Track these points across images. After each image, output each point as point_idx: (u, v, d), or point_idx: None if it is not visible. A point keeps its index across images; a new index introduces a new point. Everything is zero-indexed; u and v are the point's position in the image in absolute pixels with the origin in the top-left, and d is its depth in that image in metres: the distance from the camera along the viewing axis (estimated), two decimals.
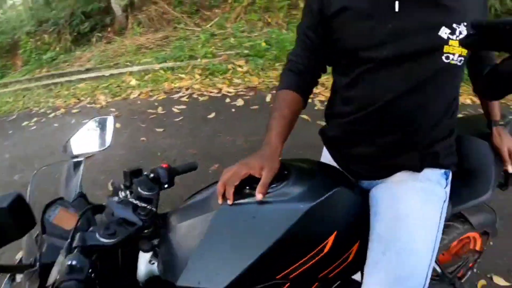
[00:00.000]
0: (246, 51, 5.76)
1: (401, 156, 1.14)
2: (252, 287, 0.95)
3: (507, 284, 2.43)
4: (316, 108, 3.92)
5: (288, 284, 1.02)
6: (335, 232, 1.02)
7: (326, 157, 1.39)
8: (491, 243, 2.16)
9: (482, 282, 2.39)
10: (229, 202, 0.94)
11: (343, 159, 1.27)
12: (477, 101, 1.37)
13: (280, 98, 1.15)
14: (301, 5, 7.19)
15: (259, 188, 0.94)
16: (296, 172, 1.03)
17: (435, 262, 1.35)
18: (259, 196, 0.93)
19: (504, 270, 2.55)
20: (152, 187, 0.98)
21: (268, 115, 1.13)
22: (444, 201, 1.17)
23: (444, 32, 0.99)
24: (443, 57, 1.01)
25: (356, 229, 1.12)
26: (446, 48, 1.00)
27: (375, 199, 1.16)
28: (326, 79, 2.96)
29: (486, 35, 0.58)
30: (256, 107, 3.98)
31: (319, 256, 1.01)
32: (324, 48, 1.15)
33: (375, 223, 1.10)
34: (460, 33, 0.99)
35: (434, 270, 1.29)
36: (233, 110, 3.91)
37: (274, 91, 4.44)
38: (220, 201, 0.96)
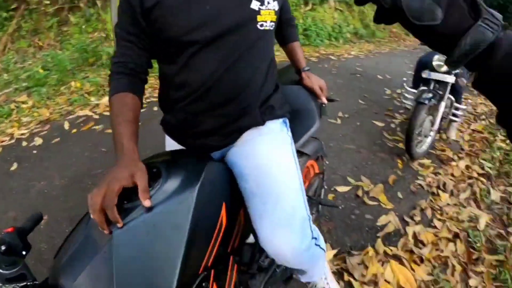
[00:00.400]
0: (24, 84, 5.24)
1: (244, 118, 1.20)
2: None
3: (347, 188, 3.25)
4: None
5: (213, 272, 1.03)
6: (224, 204, 1.06)
7: (171, 145, 1.38)
8: (327, 162, 2.82)
9: (331, 195, 3.09)
10: (119, 225, 0.85)
11: (191, 138, 1.26)
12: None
13: (119, 103, 1.07)
14: (72, 19, 6.88)
15: (142, 195, 0.87)
16: (164, 166, 0.98)
17: None
18: (147, 203, 0.87)
19: (340, 180, 3.40)
20: (13, 261, 0.79)
21: (111, 122, 1.06)
22: (291, 143, 1.29)
23: (255, 4, 1.09)
24: (258, 25, 1.12)
25: (234, 194, 1.17)
26: (259, 18, 1.11)
27: (233, 164, 1.21)
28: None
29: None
30: (57, 139, 3.80)
31: (222, 232, 1.04)
32: (149, 42, 1.12)
33: (244, 184, 1.16)
34: (268, 3, 1.12)
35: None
36: (35, 152, 3.59)
37: (70, 116, 4.51)
38: (106, 230, 0.85)
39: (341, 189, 3.24)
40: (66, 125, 3.95)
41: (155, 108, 4.42)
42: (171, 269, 0.86)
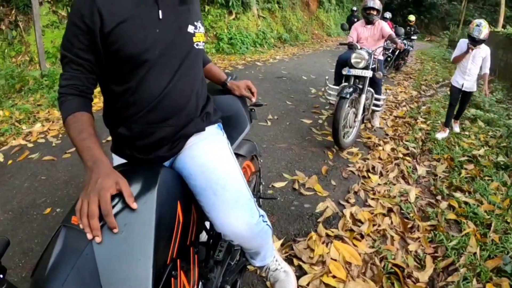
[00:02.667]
0: None
1: (189, 125, 1.35)
2: (159, 284, 0.98)
3: (284, 183, 3.30)
4: None
5: (179, 261, 1.13)
6: (179, 202, 1.18)
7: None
8: (261, 161, 2.83)
9: (270, 191, 3.14)
10: (115, 230, 0.94)
11: (142, 153, 1.33)
12: None
13: (78, 122, 1.14)
14: None
15: (129, 199, 0.98)
16: (124, 175, 1.06)
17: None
18: (134, 205, 0.98)
19: (277, 177, 3.44)
20: None
21: (73, 141, 1.11)
22: (227, 143, 1.47)
23: (191, 28, 1.28)
24: (195, 45, 1.31)
25: (185, 193, 1.30)
26: (195, 39, 1.30)
27: (182, 168, 1.34)
28: None
29: None
30: None
31: (180, 226, 1.15)
32: (98, 66, 1.19)
33: (193, 182, 1.30)
34: (199, 27, 1.32)
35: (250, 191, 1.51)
36: None
37: (3, 148, 3.97)
38: (90, 236, 0.92)
39: (278, 184, 3.30)
40: (1, 157, 3.64)
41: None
42: (146, 261, 0.95)
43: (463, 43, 4.61)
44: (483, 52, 4.53)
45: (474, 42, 4.36)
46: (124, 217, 0.98)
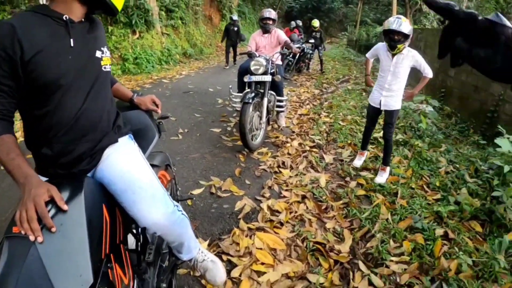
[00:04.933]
0: None
1: (105, 139, 1.48)
2: (98, 275, 1.10)
3: (201, 190, 3.34)
4: None
5: (112, 255, 1.26)
6: (104, 205, 1.33)
7: None
8: (175, 168, 2.78)
9: (190, 201, 3.12)
10: (53, 229, 1.07)
11: (65, 169, 1.43)
12: None
13: (4, 144, 1.23)
14: None
15: (60, 203, 1.12)
16: (57, 186, 1.19)
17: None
18: (65, 207, 1.13)
19: (194, 185, 3.47)
20: None
21: (1, 160, 1.21)
22: (139, 150, 1.62)
23: (98, 54, 1.43)
24: (103, 68, 1.45)
25: (109, 198, 1.43)
26: (102, 62, 1.44)
27: (102, 177, 1.46)
28: None
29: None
30: None
31: (108, 226, 1.30)
32: (18, 92, 1.28)
33: (113, 187, 1.43)
34: (106, 52, 1.47)
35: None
36: None
37: None
38: (32, 238, 1.04)
39: (196, 191, 3.34)
40: None
41: None
42: (84, 254, 1.08)
43: (381, 48, 3.46)
44: (409, 58, 3.29)
45: (394, 42, 3.18)
46: (59, 219, 1.12)
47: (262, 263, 2.37)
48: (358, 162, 3.96)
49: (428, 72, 3.29)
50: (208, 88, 7.95)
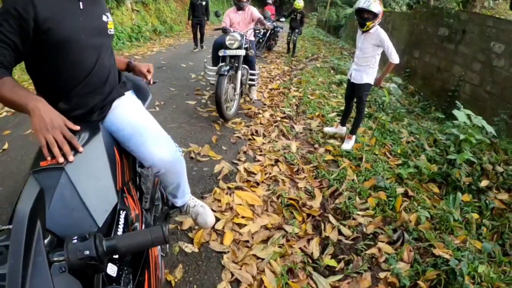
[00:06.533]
0: None
1: (113, 92, 1.63)
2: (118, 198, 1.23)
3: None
4: None
5: (125, 189, 1.39)
6: (114, 147, 1.49)
7: None
8: None
9: None
10: (71, 157, 1.15)
11: (77, 121, 1.55)
12: None
13: (6, 83, 1.31)
14: None
15: (75, 127, 1.27)
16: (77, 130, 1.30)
17: None
18: (78, 127, 1.29)
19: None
20: None
21: (5, 96, 1.27)
22: (140, 102, 1.78)
23: (104, 17, 1.57)
24: (109, 31, 1.59)
25: (117, 142, 1.58)
26: (108, 26, 1.58)
27: (110, 125, 1.60)
28: None
29: None
30: None
31: (119, 163, 1.43)
32: (23, 46, 1.37)
33: (121, 132, 1.57)
34: (109, 17, 1.60)
35: None
36: None
37: None
38: (62, 159, 1.13)
39: None
40: None
41: None
42: (108, 180, 1.24)
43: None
44: (375, 36, 3.52)
45: (363, 20, 3.47)
46: (86, 153, 1.24)
47: (243, 217, 2.61)
48: (346, 145, 3.87)
49: (394, 58, 3.48)
50: (180, 64, 8.01)
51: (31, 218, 0.73)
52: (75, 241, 0.83)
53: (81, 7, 1.47)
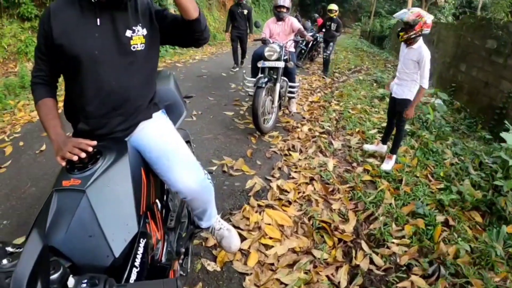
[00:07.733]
0: None
1: (139, 115, 1.59)
2: (140, 226, 1.21)
3: (213, 168, 3.49)
4: None
5: (149, 212, 1.37)
6: (142, 168, 1.48)
7: None
8: (194, 145, 2.99)
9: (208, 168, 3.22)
10: (90, 148, 1.27)
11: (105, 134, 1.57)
12: None
13: (45, 106, 1.49)
14: None
15: (86, 143, 1.29)
16: (99, 147, 1.33)
17: None
18: (94, 143, 1.31)
19: (207, 163, 3.59)
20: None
21: (42, 120, 1.47)
22: (171, 123, 1.75)
23: (128, 32, 1.47)
24: (131, 48, 1.48)
25: (144, 162, 1.56)
26: (131, 42, 1.48)
27: (137, 145, 1.57)
28: None
29: None
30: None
31: (145, 186, 1.42)
32: (55, 61, 1.48)
33: (149, 154, 1.54)
34: (138, 31, 1.50)
35: None
36: None
37: None
38: (83, 155, 1.24)
39: (209, 169, 3.45)
40: None
41: None
42: (130, 207, 1.22)
43: None
44: (417, 54, 3.34)
45: (399, 30, 3.38)
46: (108, 174, 1.23)
47: (270, 238, 2.52)
48: (386, 165, 3.69)
49: (425, 82, 3.33)
50: (221, 72, 8.07)
51: (30, 280, 0.69)
52: (84, 285, 0.81)
53: (98, 23, 1.45)
